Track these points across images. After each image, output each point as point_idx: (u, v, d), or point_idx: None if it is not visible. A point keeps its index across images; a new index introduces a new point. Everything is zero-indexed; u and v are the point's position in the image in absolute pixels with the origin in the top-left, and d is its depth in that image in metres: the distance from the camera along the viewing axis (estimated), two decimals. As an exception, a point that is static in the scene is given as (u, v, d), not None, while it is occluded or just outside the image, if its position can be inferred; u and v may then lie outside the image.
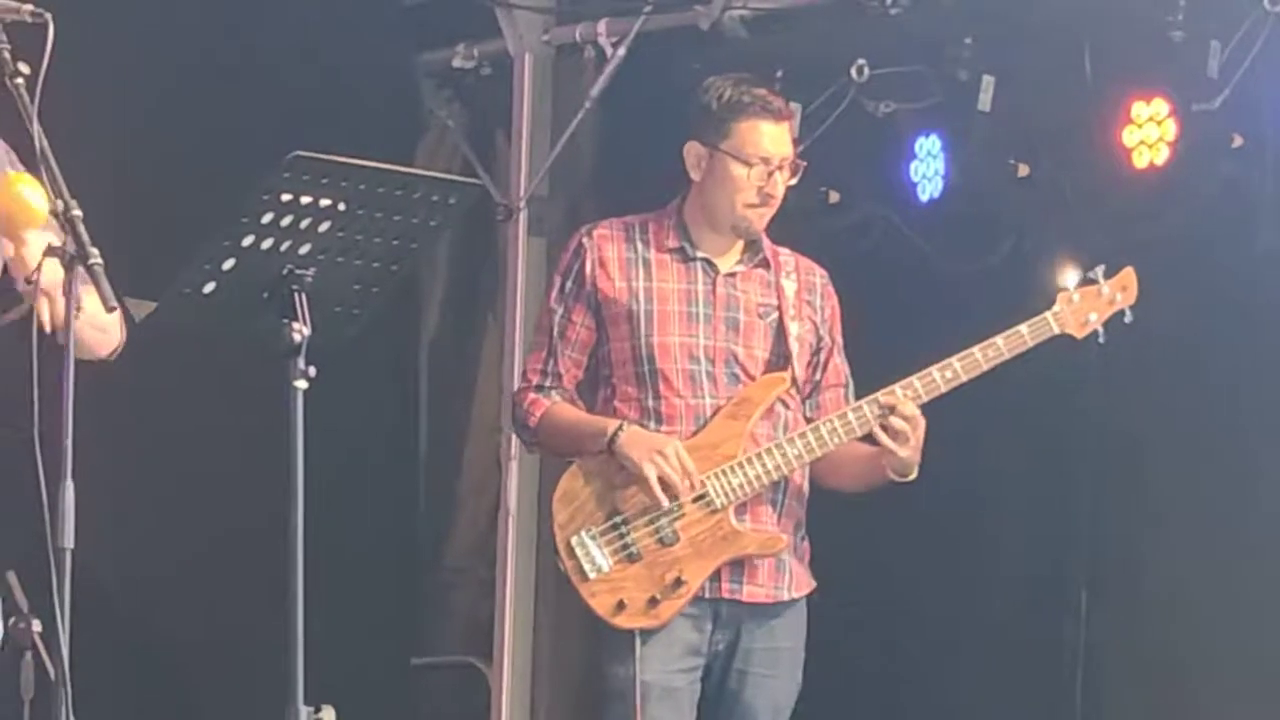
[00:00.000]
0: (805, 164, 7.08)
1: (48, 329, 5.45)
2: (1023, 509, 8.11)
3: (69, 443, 5.06)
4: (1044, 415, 7.88)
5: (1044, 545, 8.10)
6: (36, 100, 5.09)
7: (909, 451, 6.71)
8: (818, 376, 7.01)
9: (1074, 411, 7.88)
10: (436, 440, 9.37)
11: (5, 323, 5.73)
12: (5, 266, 5.65)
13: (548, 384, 6.94)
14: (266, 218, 5.54)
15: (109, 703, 6.07)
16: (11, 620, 5.99)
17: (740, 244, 6.94)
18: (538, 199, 8.89)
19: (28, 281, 5.40)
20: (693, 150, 6.89)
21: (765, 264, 6.97)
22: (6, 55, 5.11)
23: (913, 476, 6.80)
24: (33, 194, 5.29)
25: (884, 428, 6.72)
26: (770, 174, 6.85)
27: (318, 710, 5.42)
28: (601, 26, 8.68)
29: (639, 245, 6.99)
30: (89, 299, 5.46)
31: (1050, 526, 8.07)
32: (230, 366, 6.72)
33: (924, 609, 8.07)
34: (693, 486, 6.72)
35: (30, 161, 5.26)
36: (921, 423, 6.74)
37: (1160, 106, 7.45)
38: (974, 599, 8.11)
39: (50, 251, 5.24)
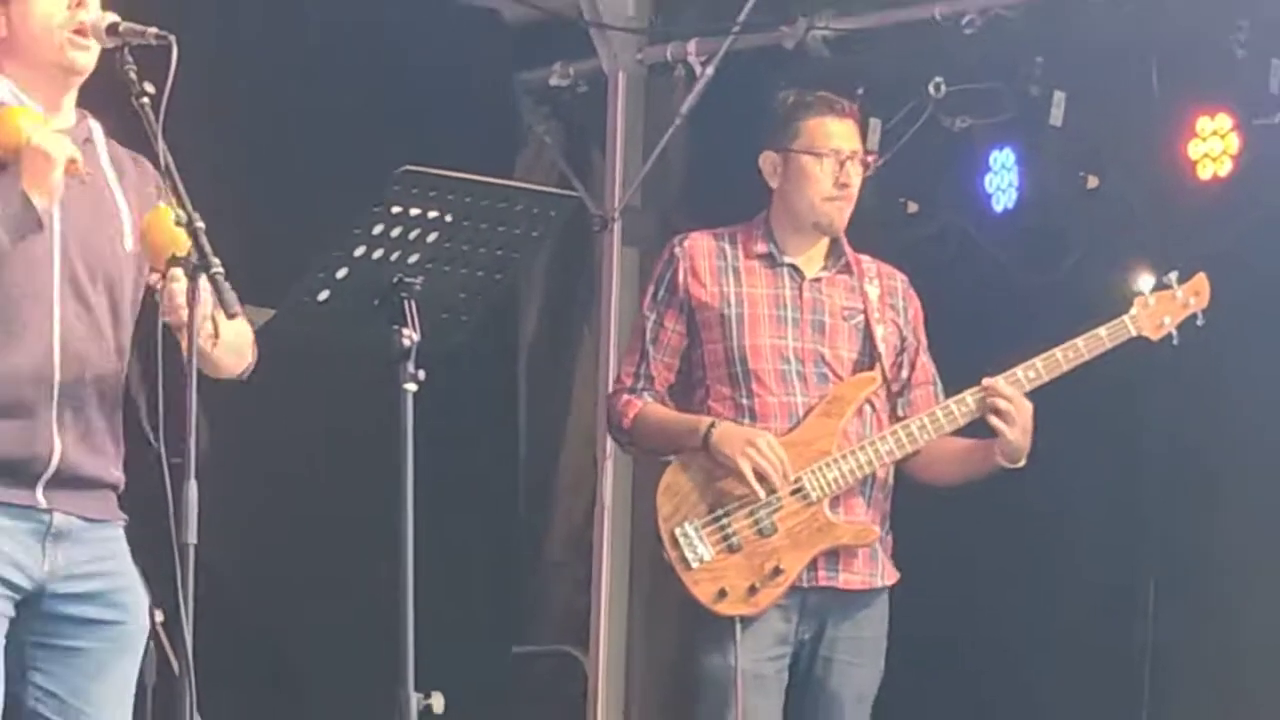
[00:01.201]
0: (875, 155, 7.43)
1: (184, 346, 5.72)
2: (1096, 510, 8.10)
3: (192, 444, 5.18)
4: (1116, 419, 7.87)
5: (1115, 548, 8.13)
6: (161, 118, 5.29)
7: (1018, 434, 6.80)
8: (905, 375, 7.14)
9: (1144, 417, 7.88)
10: (535, 442, 9.40)
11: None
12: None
13: (640, 386, 7.05)
14: (377, 229, 5.69)
15: (227, 689, 5.99)
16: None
17: (824, 250, 7.03)
18: (631, 210, 8.91)
19: (156, 292, 5.49)
20: (768, 159, 7.03)
21: (848, 269, 7.04)
22: (133, 76, 5.36)
23: (1022, 463, 6.87)
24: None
25: (993, 411, 6.84)
26: (842, 164, 6.97)
27: (427, 696, 5.63)
28: (691, 46, 8.74)
29: (729, 253, 7.07)
30: (227, 326, 5.56)
31: (1122, 528, 8.10)
32: (343, 370, 6.70)
33: (999, 604, 8.14)
34: (786, 476, 6.80)
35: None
36: (1026, 406, 6.83)
37: (1224, 121, 7.54)
38: (1048, 596, 8.16)
39: (174, 261, 5.34)
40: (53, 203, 5.58)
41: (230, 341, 5.59)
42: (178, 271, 5.40)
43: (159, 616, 6.28)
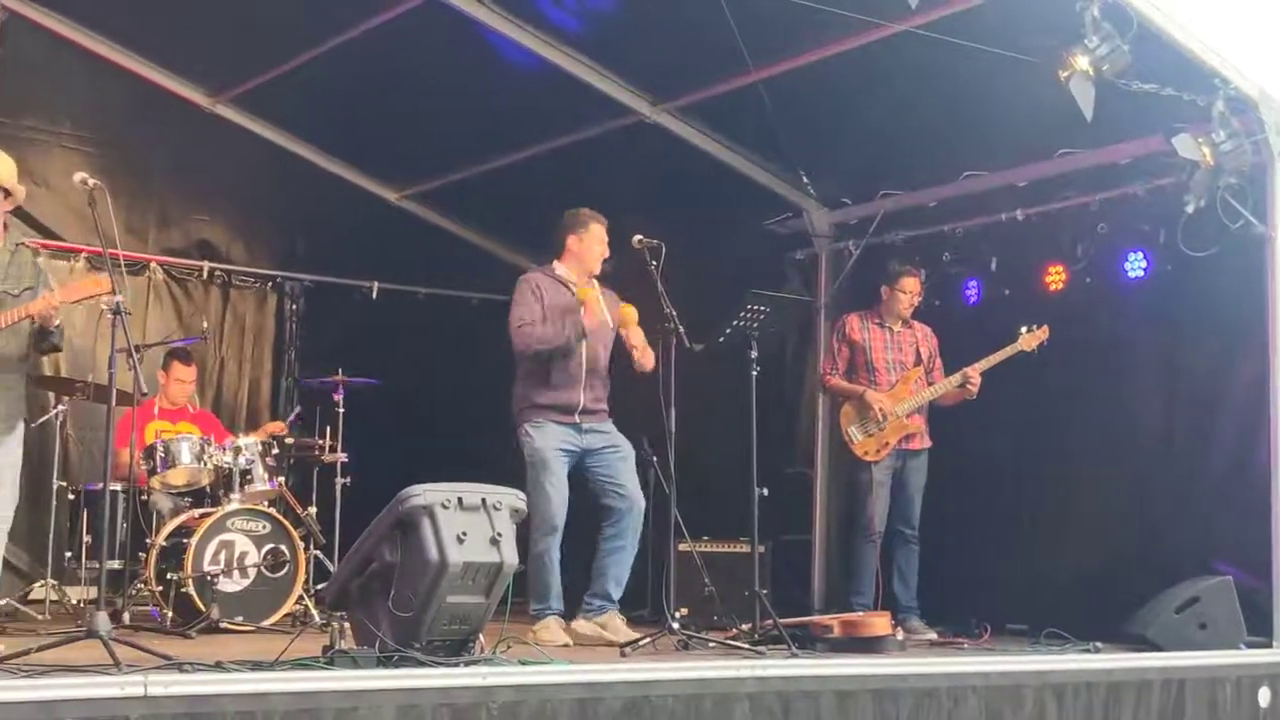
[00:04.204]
0: (924, 287, 7.72)
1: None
2: (1008, 422, 7.67)
3: (671, 393, 6.09)
4: (1017, 393, 7.47)
5: (1013, 450, 7.73)
6: (660, 272, 6.17)
7: (975, 390, 7.22)
8: (932, 367, 7.54)
9: (1026, 391, 7.52)
10: (791, 397, 8.77)
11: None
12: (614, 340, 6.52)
13: (832, 370, 7.54)
14: (743, 313, 6.41)
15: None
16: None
17: (903, 320, 7.56)
18: (828, 304, 8.59)
19: (632, 345, 6.40)
20: (883, 289, 7.57)
21: (909, 326, 7.60)
22: (648, 256, 6.18)
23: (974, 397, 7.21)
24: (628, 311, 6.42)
25: (967, 379, 7.22)
26: (909, 294, 7.53)
27: (762, 489, 6.31)
28: (850, 243, 8.54)
29: (866, 321, 7.55)
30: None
31: (1018, 438, 7.69)
32: (724, 369, 6.54)
33: (967, 460, 7.63)
34: (890, 411, 7.26)
35: (653, 300, 6.21)
36: (978, 378, 7.19)
37: (1060, 267, 7.66)
38: (986, 467, 7.76)
39: (669, 323, 6.13)
40: (590, 330, 6.35)
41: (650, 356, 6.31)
42: (638, 330, 6.37)
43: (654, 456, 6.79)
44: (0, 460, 5.41)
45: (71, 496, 7.35)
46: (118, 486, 6.79)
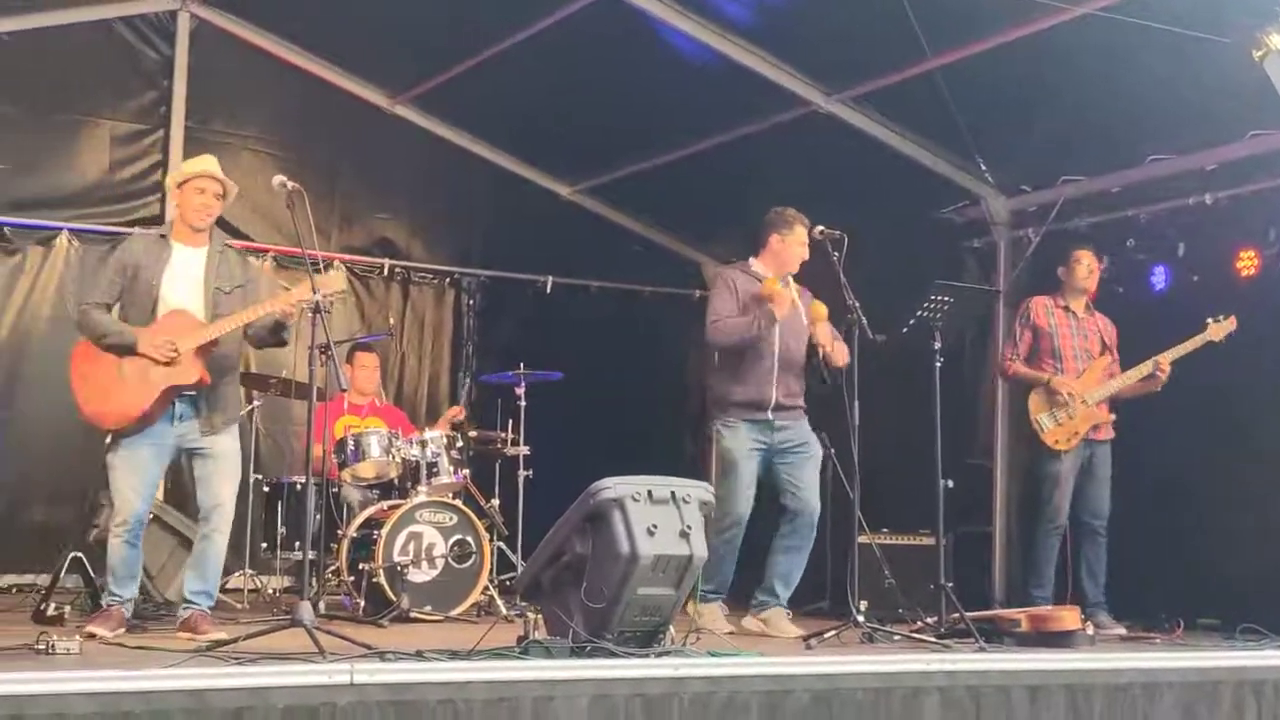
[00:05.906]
0: (1102, 265, 7.65)
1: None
2: (1190, 416, 7.44)
3: (855, 387, 6.22)
4: (1204, 382, 7.27)
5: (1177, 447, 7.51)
6: (841, 265, 6.16)
7: (1163, 379, 7.16)
8: (1113, 357, 7.41)
9: (1212, 381, 7.27)
10: (972, 386, 8.64)
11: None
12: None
13: (1012, 357, 7.44)
14: (927, 303, 6.37)
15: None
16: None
17: (1084, 305, 7.48)
18: (1008, 291, 8.35)
19: (819, 343, 6.48)
20: (1061, 269, 7.49)
21: (1092, 314, 7.52)
22: (829, 248, 6.21)
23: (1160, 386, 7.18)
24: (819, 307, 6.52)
25: (1158, 368, 7.14)
26: (1087, 265, 7.45)
27: (947, 481, 6.27)
28: (1029, 230, 8.44)
29: (1050, 306, 7.45)
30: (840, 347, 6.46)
31: (1195, 431, 7.46)
32: (904, 360, 6.55)
33: (1146, 453, 7.44)
34: (1078, 398, 7.15)
35: (835, 292, 6.29)
36: (1167, 367, 7.13)
37: (1251, 252, 7.51)
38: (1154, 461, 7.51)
39: (852, 316, 6.24)
40: (781, 319, 6.44)
41: (843, 350, 6.41)
42: (825, 327, 6.46)
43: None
44: (225, 450, 5.67)
45: (266, 489, 7.60)
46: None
